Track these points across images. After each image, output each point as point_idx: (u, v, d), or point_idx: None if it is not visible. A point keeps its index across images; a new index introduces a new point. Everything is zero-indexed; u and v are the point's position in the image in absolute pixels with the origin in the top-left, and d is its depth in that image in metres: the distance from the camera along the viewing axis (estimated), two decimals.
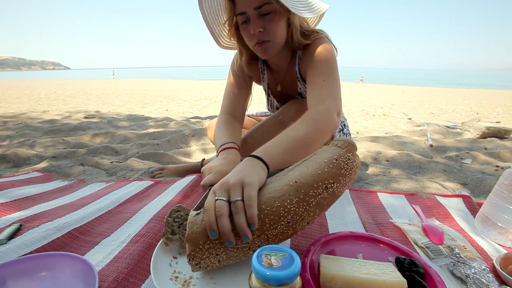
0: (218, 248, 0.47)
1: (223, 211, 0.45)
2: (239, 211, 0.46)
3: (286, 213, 0.46)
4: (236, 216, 0.45)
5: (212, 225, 0.45)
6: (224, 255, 0.47)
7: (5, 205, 0.82)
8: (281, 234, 0.47)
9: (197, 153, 1.56)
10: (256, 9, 0.76)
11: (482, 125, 2.19)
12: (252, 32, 0.78)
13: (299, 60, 0.93)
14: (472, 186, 1.07)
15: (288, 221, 0.46)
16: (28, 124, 2.62)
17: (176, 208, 0.59)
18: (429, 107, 5.05)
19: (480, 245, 0.63)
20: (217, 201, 0.47)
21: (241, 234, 0.45)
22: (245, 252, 0.48)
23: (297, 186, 0.48)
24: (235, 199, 0.47)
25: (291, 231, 0.48)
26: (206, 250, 0.46)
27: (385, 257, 0.54)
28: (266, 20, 0.78)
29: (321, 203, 0.49)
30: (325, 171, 0.50)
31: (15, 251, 0.56)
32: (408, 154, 1.48)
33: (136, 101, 5.47)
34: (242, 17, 0.79)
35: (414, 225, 0.67)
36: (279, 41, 0.83)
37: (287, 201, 0.47)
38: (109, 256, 0.56)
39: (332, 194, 0.50)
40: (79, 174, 1.20)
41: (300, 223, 0.48)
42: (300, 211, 0.47)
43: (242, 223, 0.45)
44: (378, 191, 0.89)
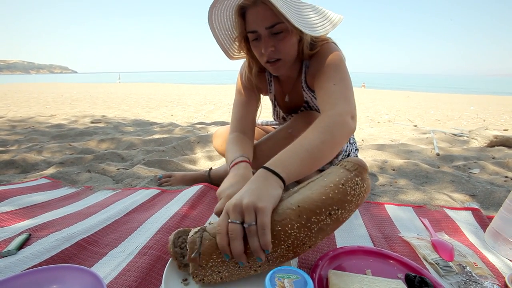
0: (220, 266, 0.48)
1: (236, 235, 0.46)
2: (253, 235, 0.46)
3: (286, 237, 0.46)
4: (251, 240, 0.46)
5: (225, 249, 0.46)
6: (226, 272, 0.48)
7: (14, 213, 0.83)
8: (282, 257, 0.48)
9: (202, 160, 1.56)
10: (268, 28, 0.75)
11: (490, 133, 2.16)
12: (263, 51, 0.78)
13: (305, 69, 0.93)
14: (481, 198, 1.05)
15: (288, 246, 0.46)
16: (36, 128, 2.66)
17: (176, 235, 0.56)
18: (435, 113, 5.02)
19: (491, 261, 0.62)
20: (230, 224, 0.47)
21: (255, 255, 0.45)
22: (246, 271, 0.49)
23: (299, 211, 0.47)
24: (249, 224, 0.46)
25: (291, 255, 0.48)
26: (209, 268, 0.48)
27: (394, 274, 0.53)
28: (277, 39, 0.77)
29: (323, 229, 0.48)
30: (329, 197, 0.48)
31: (24, 262, 0.56)
32: (415, 163, 1.47)
33: (142, 105, 5.52)
34: (254, 35, 0.79)
35: (423, 240, 0.66)
36: (290, 59, 0.83)
37: (288, 226, 0.46)
38: (117, 268, 0.56)
39: (336, 220, 0.48)
40: (86, 181, 1.21)
41: (301, 248, 0.47)
42: (301, 236, 0.46)
43: (256, 247, 0.45)
44: (385, 203, 0.89)
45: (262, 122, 1.40)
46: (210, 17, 0.81)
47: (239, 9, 0.78)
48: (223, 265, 0.47)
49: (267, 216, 0.47)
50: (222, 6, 0.79)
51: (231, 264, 0.47)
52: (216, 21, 0.83)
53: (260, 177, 0.54)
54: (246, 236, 0.46)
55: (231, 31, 0.87)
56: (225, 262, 0.47)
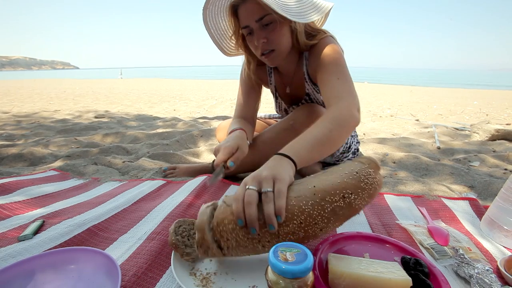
0: (229, 233, 0.48)
1: (252, 199, 0.47)
2: (269, 201, 0.47)
3: (300, 213, 0.48)
4: (266, 206, 0.47)
5: (240, 214, 0.47)
6: (234, 242, 0.48)
7: (27, 202, 0.87)
8: (292, 234, 0.48)
9: (205, 153, 1.59)
10: (258, 21, 0.80)
11: (491, 127, 2.17)
12: (256, 43, 0.83)
13: (306, 61, 0.96)
14: (479, 189, 1.08)
15: (300, 222, 0.48)
16: (41, 123, 2.70)
17: (177, 225, 0.58)
18: (438, 108, 5.00)
19: (485, 247, 0.64)
20: (247, 190, 0.49)
21: (268, 222, 0.46)
22: (254, 244, 0.49)
23: (314, 190, 0.50)
24: (266, 190, 0.48)
25: (302, 233, 0.49)
26: (218, 233, 0.49)
27: (391, 257, 0.56)
28: (268, 30, 0.81)
29: (336, 211, 0.49)
30: (344, 181, 0.51)
31: (40, 245, 0.60)
32: (415, 156, 1.49)
33: (144, 100, 5.54)
34: (247, 29, 0.84)
35: (420, 227, 0.69)
36: (284, 49, 0.87)
37: (303, 202, 0.48)
38: (128, 251, 0.59)
39: (349, 205, 0.50)
40: (93, 173, 1.24)
41: (312, 227, 0.48)
42: (314, 214, 0.48)
43: (270, 212, 0.46)
44: (385, 193, 0.91)
45: (265, 115, 1.42)
46: (204, 19, 0.86)
47: (231, 7, 0.84)
48: (232, 232, 0.47)
49: (284, 185, 0.50)
50: (214, 7, 0.84)
51: (241, 233, 0.48)
52: (211, 22, 0.88)
53: (275, 159, 0.58)
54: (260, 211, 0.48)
55: (226, 30, 0.92)
56: (235, 230, 0.47)
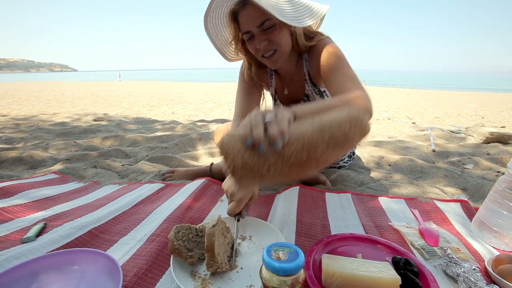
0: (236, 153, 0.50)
1: (258, 123, 0.51)
2: (272, 124, 0.51)
3: (301, 137, 0.51)
4: (270, 128, 0.50)
5: (247, 133, 0.50)
6: (240, 162, 0.50)
7: (28, 205, 0.88)
8: (296, 156, 0.51)
9: (204, 156, 1.61)
10: (259, 26, 0.83)
11: (486, 130, 2.21)
12: (258, 47, 0.85)
13: (306, 62, 0.98)
14: (472, 191, 1.10)
15: (303, 144, 0.51)
16: (40, 126, 2.71)
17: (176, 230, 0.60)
18: (434, 110, 5.05)
19: (474, 247, 0.67)
20: (253, 118, 0.52)
21: (273, 142, 0.49)
22: (260, 165, 0.50)
23: (313, 121, 0.54)
24: (269, 119, 0.51)
25: (305, 156, 0.51)
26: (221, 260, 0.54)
27: (383, 257, 0.58)
28: (269, 33, 0.84)
29: (334, 139, 0.52)
30: (339, 116, 0.54)
31: (43, 247, 0.61)
32: (410, 159, 1.51)
33: (143, 103, 5.56)
34: (248, 35, 0.86)
35: (412, 228, 0.71)
36: (284, 50, 0.89)
37: (303, 129, 0.52)
38: (129, 253, 0.61)
39: (344, 135, 0.53)
40: (93, 176, 1.26)
41: (314, 150, 0.51)
42: (314, 138, 0.51)
43: (275, 132, 0.49)
44: (379, 196, 0.93)
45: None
46: (206, 26, 0.89)
47: (231, 14, 0.86)
48: (239, 152, 0.50)
49: (285, 114, 0.53)
50: (215, 14, 0.86)
51: (248, 153, 0.50)
52: (212, 29, 0.90)
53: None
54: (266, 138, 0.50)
55: (227, 36, 0.94)
56: (241, 150, 0.50)
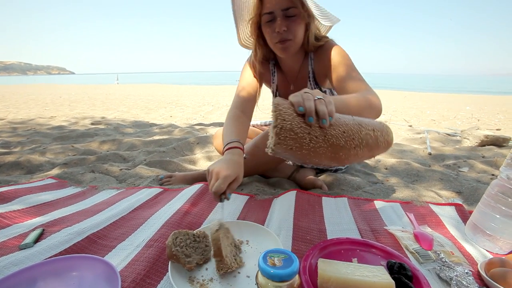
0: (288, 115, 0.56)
1: (310, 97, 0.56)
2: (322, 104, 0.56)
3: (342, 125, 0.59)
4: (320, 107, 0.55)
5: (301, 103, 0.55)
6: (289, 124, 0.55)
7: (26, 211, 0.88)
8: (336, 138, 0.57)
9: (202, 160, 1.62)
10: (284, 10, 0.86)
11: (481, 133, 2.23)
12: (277, 29, 0.88)
13: (311, 61, 1.02)
14: (467, 195, 1.11)
15: (343, 131, 0.58)
16: (37, 130, 2.70)
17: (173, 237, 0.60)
18: (431, 113, 5.09)
19: (468, 251, 0.68)
20: (304, 93, 0.57)
21: (321, 118, 0.55)
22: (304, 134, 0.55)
23: (353, 118, 0.63)
24: (318, 97, 0.57)
25: (342, 142, 0.58)
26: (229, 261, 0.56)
27: (378, 261, 0.59)
28: (290, 21, 0.88)
29: (367, 138, 0.61)
30: (373, 122, 0.65)
31: (42, 253, 0.62)
32: (406, 162, 1.53)
33: (140, 107, 5.56)
34: (269, 16, 0.88)
35: (407, 232, 0.72)
36: (298, 41, 0.93)
37: (345, 120, 0.60)
38: (127, 259, 0.62)
39: (375, 138, 0.63)
40: (90, 181, 1.26)
41: (350, 140, 0.59)
42: (353, 130, 0.59)
43: (324, 110, 0.55)
44: (375, 200, 0.94)
45: (261, 122, 1.45)
46: (233, 2, 0.91)
47: None
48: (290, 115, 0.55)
49: (331, 99, 0.59)
50: None
51: (298, 119, 0.55)
52: (237, 4, 0.93)
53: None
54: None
55: (246, 14, 0.97)
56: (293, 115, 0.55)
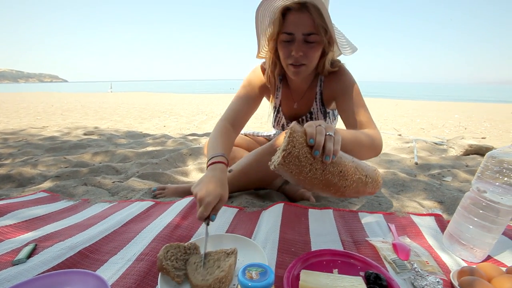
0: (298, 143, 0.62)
1: (323, 132, 0.62)
2: (331, 141, 0.62)
3: (341, 165, 0.67)
4: (328, 143, 0.62)
5: (313, 135, 0.62)
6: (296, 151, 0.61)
7: (18, 226, 0.90)
8: (331, 175, 0.65)
9: (194, 172, 1.64)
10: (305, 35, 0.86)
11: (465, 142, 2.31)
12: (294, 53, 0.88)
13: (321, 83, 1.05)
14: (448, 204, 1.16)
15: (340, 171, 0.66)
16: (29, 141, 2.69)
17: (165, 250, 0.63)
18: (421, 122, 5.21)
19: (443, 260, 0.72)
20: (318, 127, 0.63)
21: (326, 154, 0.61)
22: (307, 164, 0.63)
23: (353, 160, 0.71)
24: (331, 134, 0.63)
25: (336, 179, 0.66)
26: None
27: (357, 272, 0.62)
28: (309, 47, 0.88)
29: (358, 182, 0.70)
30: (368, 168, 0.74)
31: (34, 269, 0.63)
32: (393, 172, 1.57)
33: (134, 116, 5.57)
34: (288, 36, 0.87)
35: (387, 243, 0.76)
36: (311, 67, 0.94)
37: (347, 160, 0.69)
38: (118, 272, 0.64)
39: (364, 183, 0.72)
40: (83, 194, 1.27)
41: (343, 180, 0.67)
42: (349, 172, 0.68)
43: (331, 148, 0.62)
44: (359, 211, 0.98)
45: (254, 133, 1.49)
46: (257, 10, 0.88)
47: (284, 8, 0.87)
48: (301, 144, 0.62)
49: (340, 137, 0.65)
50: (269, 5, 0.87)
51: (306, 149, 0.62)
52: (261, 12, 0.90)
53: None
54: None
55: (266, 27, 0.95)
56: (303, 144, 0.62)
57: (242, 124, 1.07)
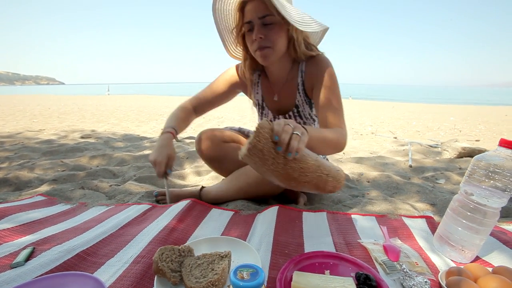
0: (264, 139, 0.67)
1: (289, 130, 0.66)
2: (296, 139, 0.66)
3: (304, 163, 0.71)
4: (294, 141, 0.65)
5: (278, 133, 0.65)
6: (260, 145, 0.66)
7: (15, 230, 0.91)
8: (292, 170, 0.70)
9: (191, 175, 1.66)
10: (260, 18, 0.91)
11: (459, 145, 2.34)
12: (254, 37, 0.93)
13: (302, 73, 1.05)
14: (440, 207, 1.19)
15: (301, 167, 0.70)
16: (25, 144, 2.69)
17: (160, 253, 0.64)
18: (416, 124, 5.26)
19: (433, 261, 0.74)
20: (287, 125, 0.67)
21: (289, 151, 0.65)
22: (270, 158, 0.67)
23: (317, 158, 0.76)
24: (298, 133, 0.67)
25: (296, 174, 0.71)
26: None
27: (348, 273, 0.64)
28: (268, 29, 0.93)
29: (318, 180, 0.75)
30: (330, 168, 0.78)
31: (33, 271, 0.64)
32: (388, 175, 1.60)
33: (131, 119, 5.57)
34: (249, 25, 0.95)
35: (378, 245, 0.78)
36: (278, 49, 0.96)
37: (310, 157, 0.73)
38: (115, 275, 0.65)
39: (325, 181, 0.76)
40: (80, 197, 1.28)
41: (303, 176, 0.72)
42: (310, 169, 0.72)
43: (295, 146, 0.65)
44: (352, 213, 1.00)
45: (241, 129, 1.48)
46: (214, 11, 0.98)
47: (240, 3, 0.95)
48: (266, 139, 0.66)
49: (307, 137, 0.70)
50: (224, 1, 0.96)
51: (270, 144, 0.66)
52: (220, 13, 1.00)
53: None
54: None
55: (230, 25, 1.03)
56: (268, 140, 0.66)
57: (205, 111, 1.25)
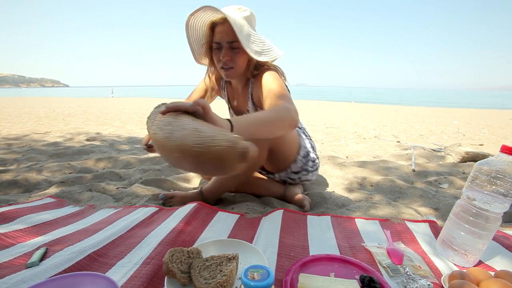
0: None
1: (172, 104, 0.66)
2: (166, 104, 0.66)
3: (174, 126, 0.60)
4: (170, 104, 0.65)
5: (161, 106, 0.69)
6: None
7: (27, 231, 0.93)
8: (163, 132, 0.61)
9: (195, 178, 1.68)
10: (229, 42, 1.02)
11: (462, 149, 2.34)
12: (221, 58, 1.05)
13: (252, 85, 1.18)
14: (443, 211, 1.20)
15: (170, 131, 0.61)
16: (32, 147, 2.73)
17: (170, 254, 0.65)
18: (420, 128, 5.24)
19: (436, 264, 0.75)
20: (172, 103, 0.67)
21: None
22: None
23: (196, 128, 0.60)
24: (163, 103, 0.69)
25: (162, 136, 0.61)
26: None
27: (353, 275, 0.66)
28: (234, 52, 1.04)
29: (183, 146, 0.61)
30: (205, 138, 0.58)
31: (47, 271, 0.67)
32: (391, 179, 1.61)
33: (135, 121, 5.61)
34: (217, 45, 1.05)
35: (381, 248, 0.79)
36: (239, 69, 1.09)
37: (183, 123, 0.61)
38: (126, 275, 0.67)
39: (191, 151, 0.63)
40: (88, 199, 1.31)
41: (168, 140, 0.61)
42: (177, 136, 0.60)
43: (163, 108, 0.65)
44: (356, 217, 1.02)
45: None
46: (187, 24, 1.06)
47: (211, 23, 1.05)
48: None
49: (185, 106, 0.65)
50: (199, 18, 1.04)
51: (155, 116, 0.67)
52: (192, 30, 1.08)
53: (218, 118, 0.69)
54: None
55: (201, 39, 1.13)
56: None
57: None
